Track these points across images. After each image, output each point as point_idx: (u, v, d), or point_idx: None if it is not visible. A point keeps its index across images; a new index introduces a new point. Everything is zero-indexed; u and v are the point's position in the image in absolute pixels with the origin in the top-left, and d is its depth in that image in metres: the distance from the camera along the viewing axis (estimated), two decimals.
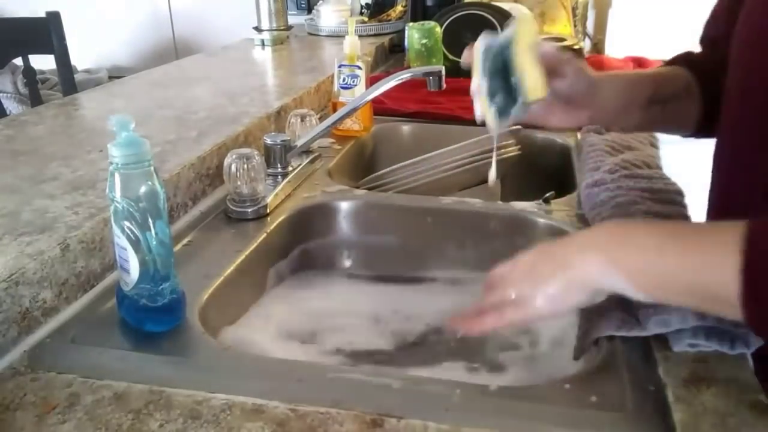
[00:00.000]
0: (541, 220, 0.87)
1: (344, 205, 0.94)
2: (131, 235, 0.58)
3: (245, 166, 0.84)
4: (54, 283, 0.63)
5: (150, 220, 0.58)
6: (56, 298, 0.63)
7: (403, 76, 0.94)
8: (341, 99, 1.22)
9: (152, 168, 0.59)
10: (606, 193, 0.74)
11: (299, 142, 0.97)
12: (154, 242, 0.59)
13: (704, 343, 0.54)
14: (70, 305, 0.65)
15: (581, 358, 0.59)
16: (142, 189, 0.58)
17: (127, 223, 0.58)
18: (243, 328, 0.74)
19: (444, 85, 0.87)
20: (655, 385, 0.54)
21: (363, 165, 1.23)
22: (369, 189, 1.03)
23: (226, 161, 0.85)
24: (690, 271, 0.49)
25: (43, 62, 1.90)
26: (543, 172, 1.21)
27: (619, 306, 0.57)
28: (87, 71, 2.52)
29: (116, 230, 0.59)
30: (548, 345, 0.70)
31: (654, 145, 0.88)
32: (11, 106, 1.97)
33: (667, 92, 0.72)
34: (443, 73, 0.86)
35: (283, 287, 0.86)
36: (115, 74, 2.47)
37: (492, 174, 0.73)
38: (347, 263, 0.94)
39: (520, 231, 0.89)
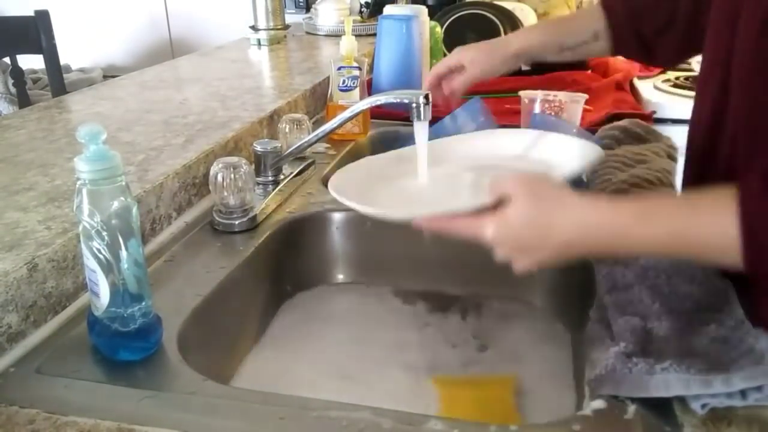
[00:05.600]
0: None
1: (339, 216, 0.89)
2: (101, 257, 0.53)
3: (232, 175, 0.80)
4: (20, 306, 0.58)
5: (121, 239, 0.54)
6: (23, 322, 0.59)
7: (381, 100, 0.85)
8: (341, 102, 1.17)
9: (124, 183, 0.54)
10: None
11: (291, 148, 0.93)
12: (126, 263, 0.54)
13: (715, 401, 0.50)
14: (38, 329, 0.61)
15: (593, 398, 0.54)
16: (113, 206, 0.53)
17: (96, 244, 0.53)
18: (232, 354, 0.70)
19: (429, 116, 0.79)
20: (671, 426, 0.49)
21: None
22: None
23: (212, 170, 0.80)
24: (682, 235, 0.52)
25: (37, 61, 1.86)
26: None
27: (619, 362, 0.52)
28: (81, 70, 2.47)
29: (85, 251, 0.54)
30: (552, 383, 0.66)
31: (672, 157, 0.83)
32: (2, 106, 1.93)
33: (573, 42, 0.89)
34: (429, 99, 0.77)
35: (274, 308, 0.81)
36: (111, 73, 2.42)
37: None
38: (342, 279, 0.89)
39: None
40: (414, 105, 0.77)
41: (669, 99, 1.51)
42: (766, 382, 0.49)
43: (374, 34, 1.42)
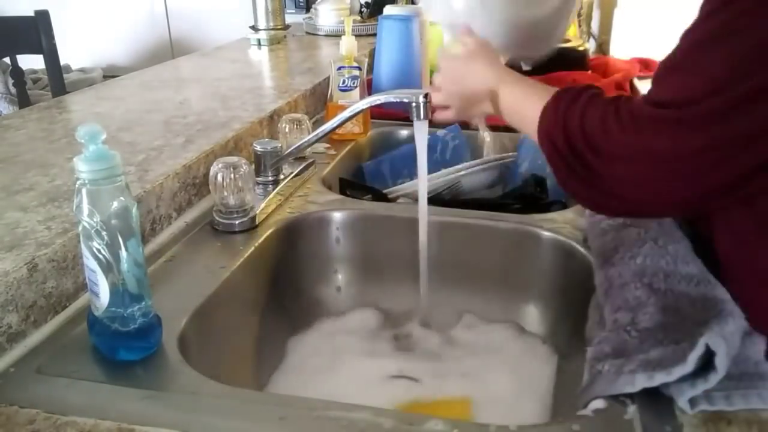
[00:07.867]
0: (546, 234, 0.83)
1: (339, 216, 0.89)
2: (101, 257, 0.53)
3: (232, 175, 0.80)
4: (20, 307, 0.58)
5: (121, 239, 0.54)
6: (23, 323, 0.59)
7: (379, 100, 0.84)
8: (341, 102, 1.17)
9: (124, 183, 0.54)
10: (607, 221, 0.70)
11: (291, 148, 0.93)
12: (126, 263, 0.54)
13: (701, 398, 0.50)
14: (38, 329, 0.61)
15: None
16: (113, 206, 0.53)
17: (95, 244, 0.53)
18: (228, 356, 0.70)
19: (429, 115, 0.79)
20: (671, 426, 0.49)
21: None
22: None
23: (212, 170, 0.80)
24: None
25: (37, 61, 1.86)
26: None
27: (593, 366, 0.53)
28: (82, 70, 2.47)
29: (85, 251, 0.54)
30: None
31: None
32: (2, 107, 1.93)
33: None
34: (429, 99, 0.77)
35: (274, 307, 0.81)
36: (111, 73, 2.43)
37: None
38: (342, 280, 0.89)
39: (524, 244, 0.84)
40: (414, 104, 0.77)
41: None
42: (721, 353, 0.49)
43: (374, 34, 1.42)
